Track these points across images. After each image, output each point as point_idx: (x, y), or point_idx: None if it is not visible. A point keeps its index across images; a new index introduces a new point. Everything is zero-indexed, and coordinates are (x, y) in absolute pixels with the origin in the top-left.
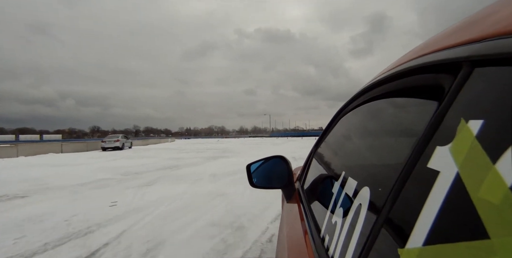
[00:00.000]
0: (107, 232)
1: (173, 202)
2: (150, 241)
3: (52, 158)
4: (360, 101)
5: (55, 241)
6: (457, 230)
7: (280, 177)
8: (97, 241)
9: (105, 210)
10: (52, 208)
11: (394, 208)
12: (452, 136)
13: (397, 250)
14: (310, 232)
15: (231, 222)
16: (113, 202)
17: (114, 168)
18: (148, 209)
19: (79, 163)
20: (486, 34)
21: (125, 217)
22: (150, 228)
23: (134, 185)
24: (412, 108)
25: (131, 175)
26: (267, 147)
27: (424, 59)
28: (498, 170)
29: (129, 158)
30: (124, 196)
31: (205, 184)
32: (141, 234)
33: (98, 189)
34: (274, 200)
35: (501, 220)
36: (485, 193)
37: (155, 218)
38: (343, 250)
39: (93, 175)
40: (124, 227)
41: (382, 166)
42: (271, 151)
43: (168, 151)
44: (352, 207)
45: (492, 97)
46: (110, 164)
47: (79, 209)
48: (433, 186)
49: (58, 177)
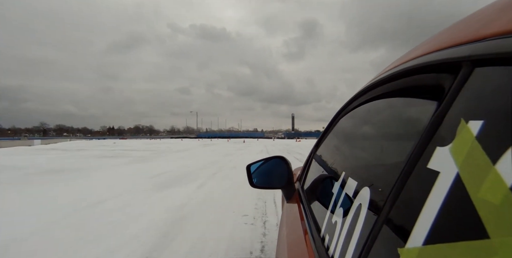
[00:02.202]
0: None
1: None
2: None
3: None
4: (360, 101)
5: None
6: (457, 229)
7: (280, 177)
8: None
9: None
10: None
11: (394, 208)
12: (452, 136)
13: (397, 249)
14: (310, 232)
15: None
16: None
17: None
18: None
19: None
20: (486, 33)
21: None
22: None
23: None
24: (412, 108)
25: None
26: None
27: (424, 59)
28: (498, 170)
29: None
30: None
31: None
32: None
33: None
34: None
35: (501, 220)
36: (485, 193)
37: None
38: (343, 249)
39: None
40: None
41: (382, 166)
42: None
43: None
44: (352, 207)
45: (492, 97)
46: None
47: None
48: (433, 186)
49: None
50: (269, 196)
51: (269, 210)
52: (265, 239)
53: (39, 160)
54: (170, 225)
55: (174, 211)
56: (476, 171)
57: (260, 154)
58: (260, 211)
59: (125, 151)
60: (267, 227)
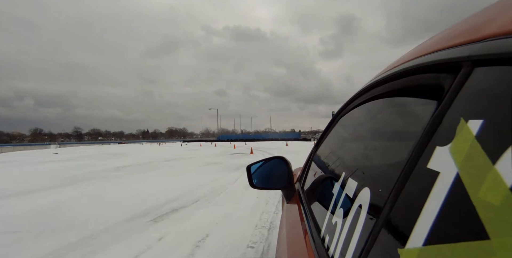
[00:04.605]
0: None
1: None
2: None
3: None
4: (359, 101)
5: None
6: (457, 230)
7: (280, 178)
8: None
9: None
10: None
11: (394, 208)
12: (452, 136)
13: (397, 250)
14: (310, 232)
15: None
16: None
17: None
18: None
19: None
20: (486, 34)
21: None
22: None
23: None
24: (412, 108)
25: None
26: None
27: (424, 59)
28: (498, 170)
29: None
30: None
31: None
32: None
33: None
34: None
35: (501, 220)
36: (485, 193)
37: None
38: (343, 250)
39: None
40: None
41: (382, 166)
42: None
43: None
44: (352, 207)
45: (492, 97)
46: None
47: None
48: (433, 186)
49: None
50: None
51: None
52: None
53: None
54: None
55: None
56: (476, 171)
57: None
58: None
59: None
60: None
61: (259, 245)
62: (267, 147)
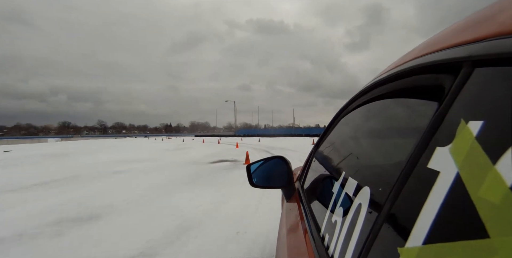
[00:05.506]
0: None
1: None
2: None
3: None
4: (360, 101)
5: None
6: (456, 229)
7: (280, 177)
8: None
9: None
10: None
11: (394, 207)
12: (452, 136)
13: (397, 249)
14: (310, 231)
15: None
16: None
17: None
18: None
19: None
20: (486, 34)
21: None
22: None
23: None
24: (412, 109)
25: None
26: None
27: (424, 59)
28: (498, 170)
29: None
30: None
31: None
32: None
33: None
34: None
35: (501, 220)
36: (485, 193)
37: None
38: (343, 248)
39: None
40: None
41: (382, 166)
42: None
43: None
44: (352, 206)
45: (492, 97)
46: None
47: None
48: (433, 186)
49: None
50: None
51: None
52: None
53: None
54: None
55: None
56: (476, 171)
57: None
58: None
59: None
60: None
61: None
62: (284, 146)
